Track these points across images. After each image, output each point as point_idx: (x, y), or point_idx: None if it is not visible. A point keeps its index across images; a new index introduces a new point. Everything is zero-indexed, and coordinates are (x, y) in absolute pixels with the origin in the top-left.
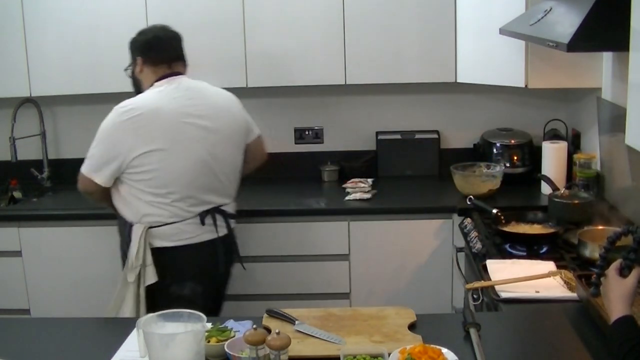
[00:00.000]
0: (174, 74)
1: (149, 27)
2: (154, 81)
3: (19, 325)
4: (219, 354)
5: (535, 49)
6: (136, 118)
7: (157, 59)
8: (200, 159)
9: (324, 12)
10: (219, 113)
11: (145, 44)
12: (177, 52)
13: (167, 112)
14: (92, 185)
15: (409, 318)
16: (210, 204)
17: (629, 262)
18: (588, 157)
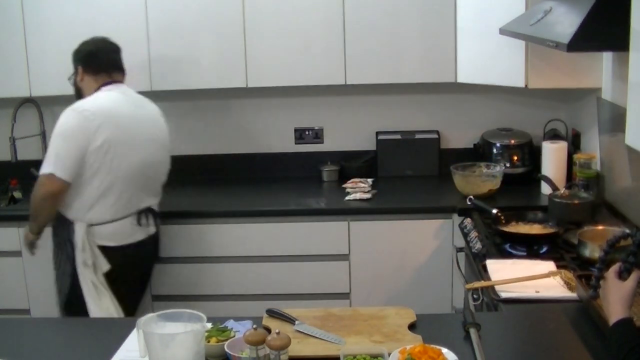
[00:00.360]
0: (115, 82)
1: (91, 39)
2: (95, 89)
3: (19, 325)
4: (219, 354)
5: (535, 49)
6: (93, 117)
7: (97, 68)
8: (145, 161)
9: (324, 12)
10: (157, 121)
11: (87, 55)
12: (116, 62)
13: (121, 114)
14: (60, 185)
15: (409, 318)
16: (145, 204)
17: (628, 265)
18: (588, 157)
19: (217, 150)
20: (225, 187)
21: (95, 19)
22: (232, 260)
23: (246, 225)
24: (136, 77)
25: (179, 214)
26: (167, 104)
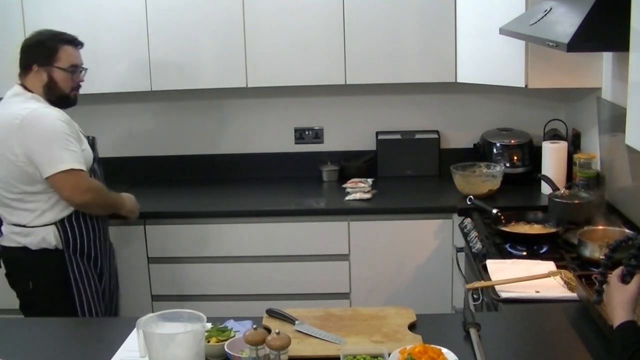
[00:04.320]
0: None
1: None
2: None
3: (19, 325)
4: (219, 354)
5: (535, 49)
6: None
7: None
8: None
9: (324, 12)
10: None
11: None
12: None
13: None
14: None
15: (409, 318)
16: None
17: (630, 268)
18: (588, 157)
19: (217, 150)
20: (225, 187)
21: (95, 19)
22: (232, 260)
23: (246, 225)
24: (136, 77)
25: (179, 214)
26: (167, 104)
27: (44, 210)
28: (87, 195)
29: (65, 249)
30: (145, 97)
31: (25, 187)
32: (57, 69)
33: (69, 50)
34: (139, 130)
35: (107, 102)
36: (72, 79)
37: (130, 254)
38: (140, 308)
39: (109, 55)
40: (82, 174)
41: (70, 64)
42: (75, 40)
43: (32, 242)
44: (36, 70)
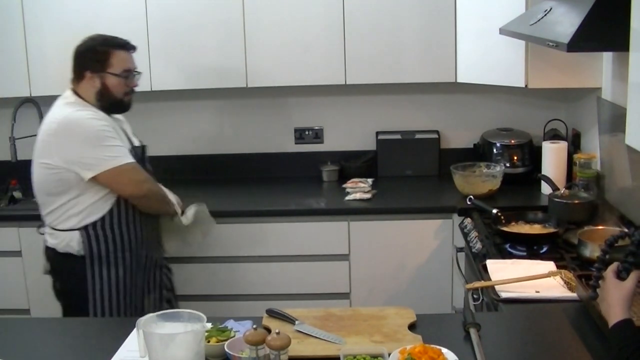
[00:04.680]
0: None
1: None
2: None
3: (19, 325)
4: (219, 354)
5: (535, 49)
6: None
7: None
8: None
9: (324, 12)
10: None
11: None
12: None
13: None
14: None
15: (409, 318)
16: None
17: (626, 265)
18: (588, 157)
19: (217, 150)
20: (225, 187)
21: (95, 19)
22: (232, 260)
23: (246, 225)
24: None
25: None
26: (167, 104)
27: (69, 215)
28: (146, 186)
29: (87, 256)
30: (145, 97)
31: (59, 192)
32: (109, 75)
33: (121, 55)
34: (138, 131)
35: None
36: (125, 84)
37: None
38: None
39: None
40: (136, 166)
41: (123, 69)
42: (128, 44)
43: (58, 244)
44: (89, 77)
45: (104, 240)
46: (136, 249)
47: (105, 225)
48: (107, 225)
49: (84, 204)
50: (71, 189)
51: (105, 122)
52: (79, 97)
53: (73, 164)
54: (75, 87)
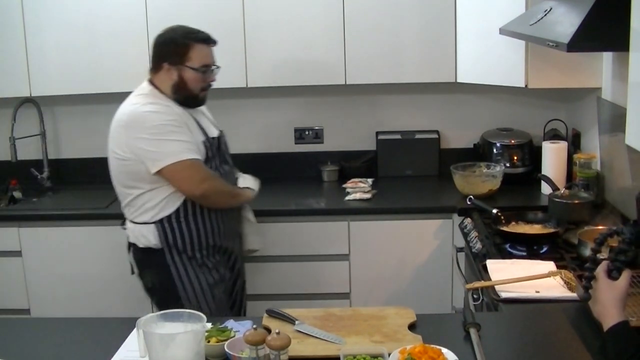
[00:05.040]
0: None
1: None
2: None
3: (19, 325)
4: (219, 354)
5: (535, 49)
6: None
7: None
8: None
9: (324, 12)
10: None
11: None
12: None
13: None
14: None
15: (409, 318)
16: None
17: (618, 264)
18: (588, 157)
19: None
20: None
21: (95, 19)
22: None
23: None
24: (136, 77)
25: None
26: None
27: (146, 209)
28: (205, 184)
29: (165, 248)
30: None
31: (132, 184)
32: (188, 69)
33: (201, 49)
34: None
35: (108, 102)
36: (202, 79)
37: None
38: (140, 308)
39: (109, 55)
40: (196, 163)
41: (202, 63)
42: (209, 39)
43: (138, 239)
44: (167, 69)
45: (180, 233)
46: (214, 241)
47: (180, 218)
48: (182, 218)
49: (158, 197)
50: (144, 181)
51: (172, 116)
52: (155, 87)
53: (140, 156)
54: (152, 78)
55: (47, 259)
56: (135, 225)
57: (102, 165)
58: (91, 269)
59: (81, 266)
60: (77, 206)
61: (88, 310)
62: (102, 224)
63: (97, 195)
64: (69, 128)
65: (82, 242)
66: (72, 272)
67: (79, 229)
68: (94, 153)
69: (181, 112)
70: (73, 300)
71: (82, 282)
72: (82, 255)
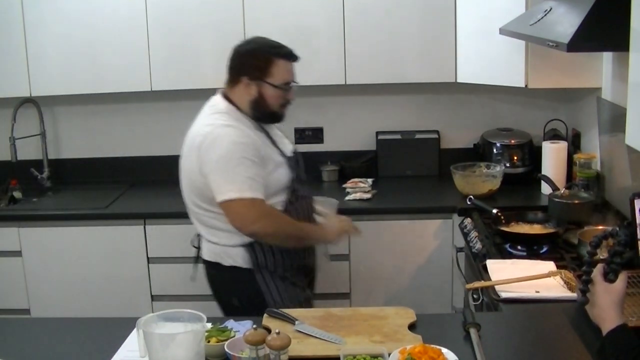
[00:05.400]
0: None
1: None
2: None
3: (19, 325)
4: (219, 354)
5: (535, 49)
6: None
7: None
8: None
9: (324, 12)
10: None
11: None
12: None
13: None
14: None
15: (409, 318)
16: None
17: (614, 266)
18: (588, 157)
19: None
20: None
21: (95, 19)
22: None
23: None
24: (136, 77)
25: (178, 214)
26: (167, 104)
27: (232, 233)
28: (256, 226)
29: (255, 268)
30: (145, 97)
31: (211, 208)
32: (268, 85)
33: (283, 65)
34: (138, 130)
35: (108, 102)
36: (282, 96)
37: (130, 254)
38: (140, 308)
39: (109, 55)
40: (251, 203)
41: (283, 80)
42: (292, 55)
43: (223, 259)
44: (245, 83)
45: (271, 255)
46: (302, 261)
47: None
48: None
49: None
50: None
51: (246, 142)
52: (231, 103)
53: (209, 183)
54: (227, 91)
55: (47, 259)
56: (220, 246)
57: (102, 165)
58: (91, 269)
59: (81, 266)
60: (77, 206)
61: (88, 310)
62: (102, 224)
63: (97, 195)
64: (69, 128)
65: (82, 242)
66: (72, 272)
67: (79, 229)
68: (94, 153)
69: (257, 134)
70: (73, 300)
71: (82, 282)
72: (82, 255)
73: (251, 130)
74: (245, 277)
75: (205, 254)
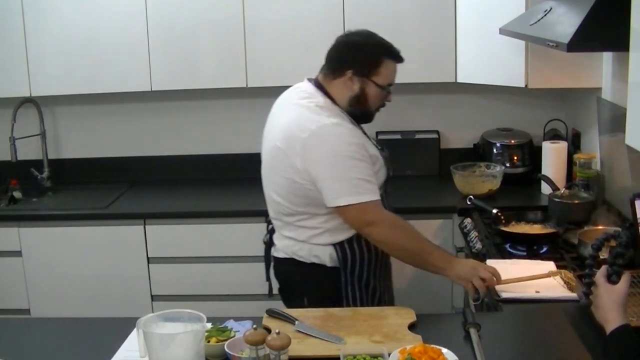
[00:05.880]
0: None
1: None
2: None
3: (19, 325)
4: (219, 354)
5: (535, 49)
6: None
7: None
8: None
9: (324, 12)
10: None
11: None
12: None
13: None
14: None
15: (409, 318)
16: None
17: (616, 267)
18: (588, 157)
19: (217, 150)
20: (226, 187)
21: (95, 19)
22: (232, 260)
23: (247, 225)
24: (136, 77)
25: (179, 214)
26: (167, 104)
27: (322, 231)
28: (368, 229)
29: (341, 269)
30: (145, 97)
31: (305, 208)
32: (372, 84)
33: (391, 66)
34: (138, 130)
35: (108, 102)
36: (383, 97)
37: (130, 254)
38: (140, 308)
39: (109, 55)
40: (367, 205)
41: (388, 81)
42: (399, 56)
43: (303, 255)
44: (349, 77)
45: (359, 254)
46: (384, 258)
47: (362, 240)
48: (362, 240)
49: (337, 220)
50: (322, 207)
51: (355, 140)
52: (325, 94)
53: (317, 184)
54: (323, 81)
55: (47, 259)
56: (300, 242)
57: (102, 165)
58: (91, 269)
59: (81, 266)
60: (77, 206)
61: (88, 310)
62: (102, 224)
63: (97, 195)
64: (69, 128)
65: (82, 242)
66: (72, 272)
67: (79, 229)
68: (94, 153)
69: (359, 132)
70: (73, 300)
71: (82, 282)
72: (82, 255)
73: (355, 128)
74: (326, 276)
75: (279, 250)
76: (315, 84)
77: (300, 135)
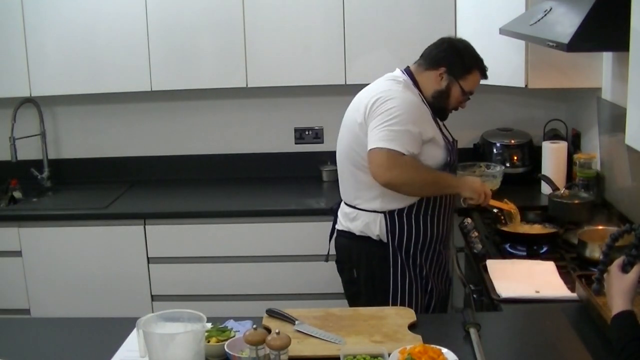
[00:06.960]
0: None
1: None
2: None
3: (19, 325)
4: (219, 354)
5: (535, 49)
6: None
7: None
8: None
9: (324, 12)
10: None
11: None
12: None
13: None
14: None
15: (409, 318)
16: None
17: (631, 258)
18: (588, 157)
19: (217, 150)
20: (226, 187)
21: (95, 19)
22: (232, 260)
23: (246, 225)
24: (136, 77)
25: (179, 214)
26: (167, 104)
27: (375, 196)
28: (391, 173)
29: (390, 241)
30: (145, 97)
31: (363, 166)
32: (458, 86)
33: (477, 78)
34: (138, 130)
35: (108, 102)
36: (461, 101)
37: (130, 254)
38: (140, 308)
39: (109, 55)
40: (390, 153)
41: (470, 89)
42: (486, 73)
43: (356, 226)
44: (440, 73)
45: (407, 227)
46: (434, 243)
47: (412, 214)
48: (412, 213)
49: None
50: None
51: (416, 109)
52: (412, 78)
53: (369, 133)
54: (416, 70)
55: (47, 259)
56: (359, 211)
57: (102, 165)
58: (91, 269)
59: (81, 266)
60: (77, 206)
61: (88, 310)
62: (102, 224)
63: (97, 195)
64: (69, 128)
65: (82, 242)
66: (72, 272)
67: (79, 229)
68: (94, 153)
69: (426, 110)
70: (73, 300)
71: (82, 282)
72: (82, 255)
73: (425, 107)
74: (377, 250)
75: (339, 222)
76: (406, 71)
77: (370, 98)
